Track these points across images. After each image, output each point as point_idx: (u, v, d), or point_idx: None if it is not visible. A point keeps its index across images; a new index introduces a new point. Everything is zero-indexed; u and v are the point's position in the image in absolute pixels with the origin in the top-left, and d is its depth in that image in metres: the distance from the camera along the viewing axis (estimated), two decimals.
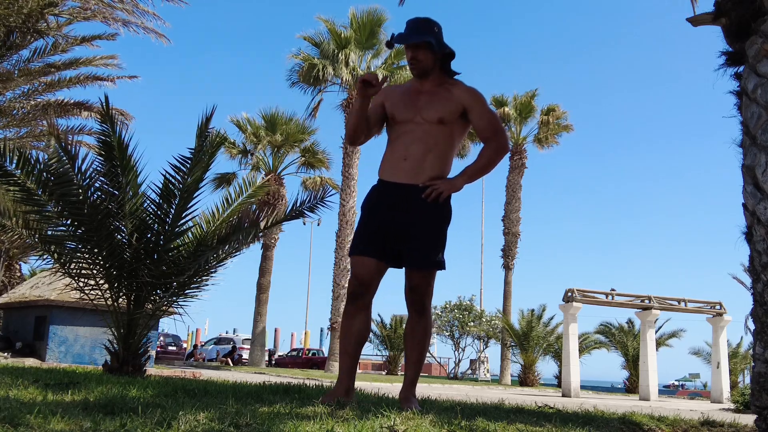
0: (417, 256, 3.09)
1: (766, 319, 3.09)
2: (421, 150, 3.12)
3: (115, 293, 6.35)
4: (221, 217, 6.81)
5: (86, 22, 13.29)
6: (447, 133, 3.16)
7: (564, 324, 20.44)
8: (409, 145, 3.14)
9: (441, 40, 3.22)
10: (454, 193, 3.13)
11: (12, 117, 15.40)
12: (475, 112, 3.19)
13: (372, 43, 24.43)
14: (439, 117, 3.13)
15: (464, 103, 3.18)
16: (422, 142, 3.13)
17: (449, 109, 3.15)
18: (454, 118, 3.16)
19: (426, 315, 3.23)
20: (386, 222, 3.11)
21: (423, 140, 3.13)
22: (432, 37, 3.16)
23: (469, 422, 2.78)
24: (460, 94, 3.20)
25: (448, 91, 3.20)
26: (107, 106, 5.85)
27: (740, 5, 3.45)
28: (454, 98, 3.18)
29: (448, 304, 32.49)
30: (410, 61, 3.21)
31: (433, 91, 3.20)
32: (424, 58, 3.18)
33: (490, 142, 3.22)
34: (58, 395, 2.91)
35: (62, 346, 16.81)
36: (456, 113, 3.17)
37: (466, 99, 3.19)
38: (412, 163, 3.11)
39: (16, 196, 6.14)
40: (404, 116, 3.18)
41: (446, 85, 3.23)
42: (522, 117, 29.87)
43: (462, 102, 3.18)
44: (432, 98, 3.18)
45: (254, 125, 26.36)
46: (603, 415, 3.82)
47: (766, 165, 3.15)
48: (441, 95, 3.19)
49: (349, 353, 3.18)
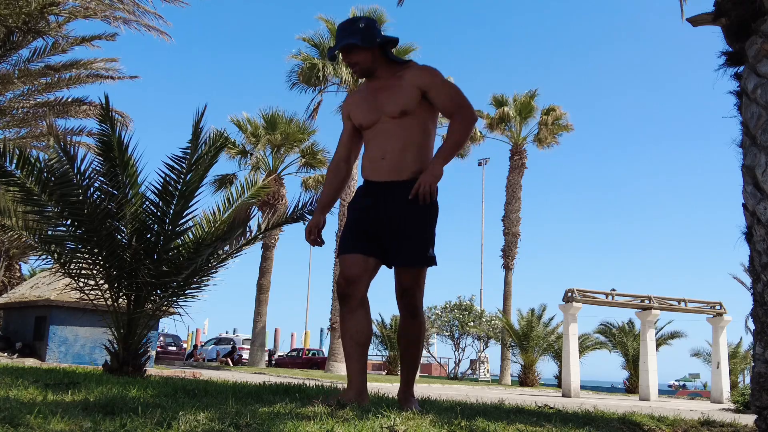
0: (405, 253, 3.03)
1: (766, 319, 3.09)
2: (397, 146, 3.05)
3: (115, 293, 6.35)
4: (221, 217, 6.81)
5: (86, 20, 13.27)
6: (417, 121, 3.08)
7: (564, 324, 20.44)
8: (384, 143, 3.08)
9: (370, 33, 3.12)
10: (438, 180, 2.99)
11: (12, 117, 15.41)
12: (433, 91, 3.08)
13: None
14: (401, 110, 3.05)
15: (419, 85, 3.07)
16: (396, 137, 3.06)
17: (408, 98, 3.05)
18: (416, 105, 3.06)
19: (418, 316, 3.15)
20: (372, 221, 3.06)
21: (396, 136, 3.06)
22: (356, 37, 3.08)
23: (469, 422, 2.78)
24: (413, 77, 3.09)
25: (401, 79, 3.10)
26: (107, 105, 5.86)
27: (740, 5, 3.45)
28: (408, 84, 3.07)
29: (448, 304, 32.48)
30: (349, 66, 3.18)
31: (388, 85, 3.12)
32: (360, 59, 3.12)
33: (455, 116, 3.09)
34: (58, 395, 2.91)
35: (62, 346, 16.81)
36: (416, 99, 3.06)
37: (420, 80, 3.08)
38: (391, 161, 3.04)
39: (16, 196, 6.15)
40: (370, 120, 3.13)
41: (399, 74, 3.13)
42: (522, 117, 29.89)
43: (417, 85, 3.07)
44: (389, 92, 3.09)
45: (254, 125, 26.35)
46: (603, 415, 3.82)
47: (766, 165, 3.15)
48: (396, 86, 3.09)
49: (351, 356, 3.09)
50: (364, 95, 3.21)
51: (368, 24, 3.15)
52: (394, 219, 3.02)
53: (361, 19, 3.18)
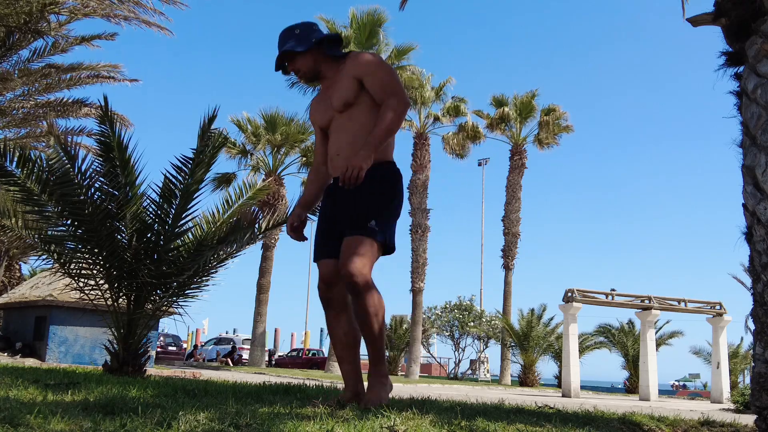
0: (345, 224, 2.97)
1: (766, 319, 3.09)
2: (348, 140, 3.03)
3: (115, 293, 6.35)
4: (221, 218, 6.81)
5: (87, 18, 13.25)
6: (363, 111, 3.04)
7: (564, 324, 20.44)
8: (337, 139, 3.09)
9: (305, 36, 3.11)
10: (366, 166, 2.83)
11: (12, 117, 15.40)
12: (368, 79, 3.02)
13: (372, 43, 24.45)
14: (343, 102, 3.04)
15: (354, 75, 3.03)
16: (345, 131, 3.06)
17: (346, 89, 3.03)
18: (356, 95, 3.03)
19: (361, 295, 2.86)
20: (333, 216, 3.07)
21: (345, 129, 3.06)
22: (291, 43, 3.08)
23: (469, 422, 2.78)
24: (349, 68, 3.07)
25: (340, 72, 3.10)
26: (106, 106, 5.85)
27: (740, 5, 3.45)
28: (346, 76, 3.05)
29: (448, 304, 32.52)
30: (295, 74, 3.18)
31: (334, 81, 3.12)
32: (300, 65, 3.12)
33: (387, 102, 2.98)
34: (58, 395, 2.91)
35: (62, 346, 16.81)
36: (355, 89, 3.03)
37: (354, 70, 3.04)
38: (345, 156, 3.01)
39: (16, 196, 6.15)
40: (326, 119, 3.14)
41: (340, 67, 3.12)
42: (522, 117, 29.91)
43: (352, 75, 3.04)
44: (334, 88, 3.10)
45: (254, 125, 26.35)
46: (603, 415, 3.82)
47: (766, 165, 3.16)
48: (338, 80, 3.09)
49: (344, 359, 3.12)
50: (321, 97, 3.22)
51: (304, 28, 3.14)
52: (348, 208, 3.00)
53: (298, 25, 3.16)
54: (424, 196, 27.35)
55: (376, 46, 24.59)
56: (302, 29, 3.13)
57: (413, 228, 27.21)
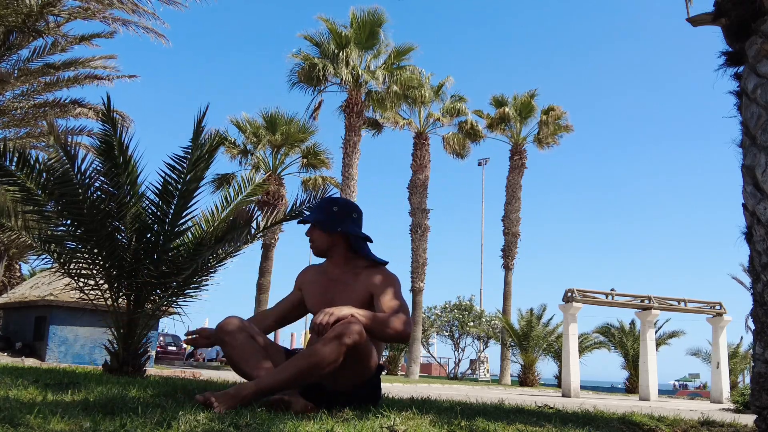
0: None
1: (766, 319, 3.09)
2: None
3: (114, 293, 6.35)
4: (220, 216, 6.81)
5: (85, 21, 13.27)
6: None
7: (564, 324, 20.45)
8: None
9: (335, 219, 3.06)
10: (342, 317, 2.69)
11: (12, 117, 15.41)
12: (378, 297, 2.93)
13: (372, 43, 24.46)
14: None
15: (371, 289, 2.98)
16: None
17: (359, 300, 2.96)
18: (365, 308, 2.91)
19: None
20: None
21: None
22: (321, 216, 3.07)
23: (469, 422, 2.78)
24: (367, 279, 3.01)
25: (356, 278, 3.03)
26: (109, 105, 5.85)
27: (740, 5, 3.45)
28: (361, 286, 3.00)
29: (448, 304, 32.54)
30: (309, 240, 3.16)
31: (344, 279, 3.06)
32: (316, 237, 3.10)
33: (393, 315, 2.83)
34: (58, 395, 2.91)
35: (62, 346, 16.81)
36: (365, 302, 2.97)
37: (372, 285, 2.99)
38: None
39: (16, 196, 6.14)
40: (319, 309, 2.95)
41: (357, 269, 3.07)
42: (522, 117, 29.93)
43: (369, 288, 2.99)
44: (342, 287, 3.03)
45: (254, 125, 26.34)
46: (603, 415, 3.82)
47: (766, 165, 3.16)
48: (350, 284, 3.02)
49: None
50: (319, 278, 3.14)
51: (342, 210, 3.10)
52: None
53: (341, 204, 3.13)
54: (424, 196, 27.36)
55: (376, 46, 24.62)
56: (340, 210, 3.10)
57: (413, 228, 27.22)
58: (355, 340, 2.64)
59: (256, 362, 2.83)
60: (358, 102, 24.43)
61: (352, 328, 2.64)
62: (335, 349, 2.61)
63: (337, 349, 2.62)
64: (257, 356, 2.86)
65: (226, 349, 2.90)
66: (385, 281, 2.99)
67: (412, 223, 27.33)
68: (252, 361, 2.84)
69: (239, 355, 2.86)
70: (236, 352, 2.86)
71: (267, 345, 2.98)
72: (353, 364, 2.75)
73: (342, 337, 2.62)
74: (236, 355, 2.87)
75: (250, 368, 2.83)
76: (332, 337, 2.62)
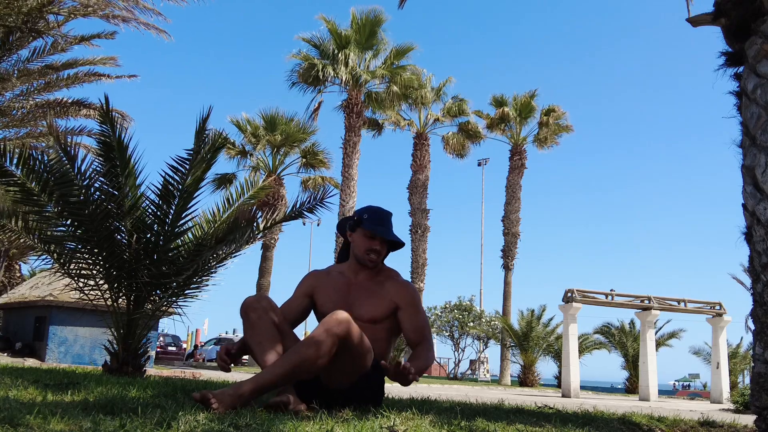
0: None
1: (766, 319, 3.09)
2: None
3: (114, 293, 6.35)
4: (221, 217, 6.80)
5: (85, 18, 13.25)
6: (381, 329, 3.00)
7: (564, 324, 20.44)
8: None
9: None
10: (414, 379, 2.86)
11: (12, 117, 15.40)
12: (407, 314, 3.02)
13: (372, 43, 24.46)
14: (372, 317, 2.97)
15: (397, 302, 3.02)
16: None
17: (382, 309, 2.99)
18: (386, 317, 3.00)
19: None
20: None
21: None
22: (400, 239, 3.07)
23: (469, 422, 2.78)
24: (394, 291, 3.03)
25: (380, 286, 3.04)
26: (107, 105, 5.84)
27: (740, 5, 3.45)
28: (386, 295, 3.02)
29: (448, 305, 32.49)
30: (373, 252, 3.03)
31: (366, 286, 3.05)
32: (386, 253, 3.11)
33: (423, 343, 3.04)
34: (58, 395, 2.91)
35: (62, 346, 16.81)
36: (389, 312, 3.01)
37: (399, 298, 3.02)
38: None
39: (16, 196, 6.14)
40: (327, 303, 3.02)
41: (380, 278, 3.08)
42: (522, 117, 29.91)
43: (395, 300, 3.01)
44: (365, 294, 3.02)
45: (254, 125, 26.33)
46: (603, 415, 3.82)
47: (766, 165, 3.16)
48: (374, 291, 3.03)
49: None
50: (335, 282, 3.10)
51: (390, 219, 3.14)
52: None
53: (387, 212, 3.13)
54: (424, 196, 27.36)
55: (375, 46, 24.61)
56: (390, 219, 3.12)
57: (413, 228, 27.22)
58: (345, 329, 2.65)
59: (270, 345, 2.84)
60: (357, 102, 24.43)
61: (340, 316, 2.67)
62: (325, 340, 2.63)
63: (327, 340, 2.63)
64: (272, 341, 2.85)
65: (246, 324, 2.92)
66: (413, 297, 3.06)
67: (412, 223, 27.33)
68: (266, 344, 2.84)
69: (256, 335, 2.87)
70: (254, 332, 2.87)
71: (286, 333, 2.95)
72: (347, 359, 2.76)
73: (331, 328, 2.64)
74: (254, 335, 2.87)
75: (260, 351, 2.83)
76: (322, 330, 2.65)
